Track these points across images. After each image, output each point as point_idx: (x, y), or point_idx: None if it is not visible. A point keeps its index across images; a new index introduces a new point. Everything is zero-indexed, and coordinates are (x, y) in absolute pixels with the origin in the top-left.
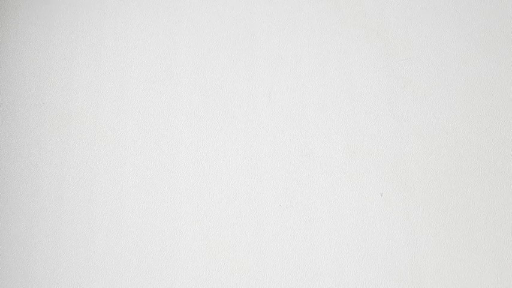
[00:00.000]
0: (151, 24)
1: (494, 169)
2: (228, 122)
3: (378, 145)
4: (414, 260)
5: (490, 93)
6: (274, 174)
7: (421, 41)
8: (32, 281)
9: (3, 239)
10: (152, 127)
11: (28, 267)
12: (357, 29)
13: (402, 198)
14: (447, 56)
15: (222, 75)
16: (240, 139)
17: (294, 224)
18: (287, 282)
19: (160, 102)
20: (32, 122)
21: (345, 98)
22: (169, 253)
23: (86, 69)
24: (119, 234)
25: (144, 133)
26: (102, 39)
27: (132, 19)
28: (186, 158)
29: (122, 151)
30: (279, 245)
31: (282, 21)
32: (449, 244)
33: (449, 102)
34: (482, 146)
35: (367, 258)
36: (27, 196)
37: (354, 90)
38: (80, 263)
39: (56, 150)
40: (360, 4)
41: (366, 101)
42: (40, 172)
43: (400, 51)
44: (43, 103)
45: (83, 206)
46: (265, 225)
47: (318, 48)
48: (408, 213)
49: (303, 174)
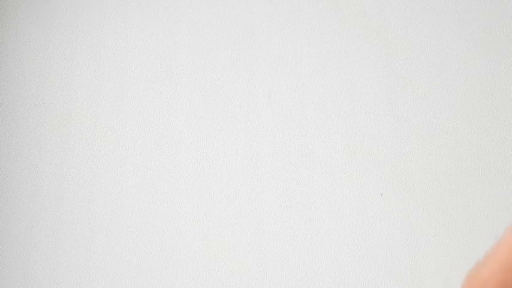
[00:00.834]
0: (151, 24)
1: (494, 169)
2: (228, 122)
3: (378, 145)
4: (414, 260)
5: (490, 93)
6: (274, 174)
7: (421, 41)
8: (32, 281)
9: (3, 239)
10: (152, 127)
11: (28, 267)
12: (357, 29)
13: (402, 198)
14: (447, 56)
15: (222, 75)
16: (240, 139)
17: (294, 224)
18: (287, 282)
19: (160, 102)
20: (32, 122)
21: (345, 98)
22: (169, 253)
23: (86, 69)
24: (119, 234)
25: (144, 133)
26: (102, 39)
27: (132, 19)
28: (186, 158)
29: (122, 151)
30: (279, 245)
31: (282, 21)
32: (449, 244)
33: (449, 102)
34: (482, 146)
35: (367, 258)
36: (27, 196)
37: (354, 90)
38: (80, 263)
39: (56, 150)
40: (360, 4)
41: (366, 101)
42: (40, 172)
43: (400, 51)
44: (43, 103)
45: (83, 206)
46: (265, 225)
47: (318, 48)
48: (408, 213)
49: (303, 174)
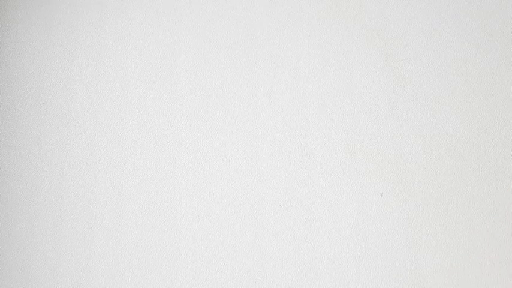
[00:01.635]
0: (151, 24)
1: (494, 169)
2: (228, 122)
3: (378, 145)
4: (414, 260)
5: (490, 93)
6: (274, 174)
7: (421, 41)
8: (32, 281)
9: (3, 239)
10: (152, 127)
11: (28, 267)
12: (357, 29)
13: (402, 198)
14: (447, 56)
15: (222, 75)
16: (240, 139)
17: (294, 224)
18: (287, 282)
19: (160, 102)
20: (32, 122)
21: (345, 98)
22: (169, 253)
23: (86, 69)
24: (119, 234)
25: (144, 133)
26: (102, 39)
27: (132, 19)
28: (186, 158)
29: (122, 151)
30: (279, 245)
31: (282, 21)
32: (449, 244)
33: (449, 102)
34: (482, 146)
35: (367, 258)
36: (27, 196)
37: (354, 90)
38: (80, 263)
39: (56, 150)
40: (360, 4)
41: (366, 101)
42: (40, 172)
43: (400, 51)
44: (43, 103)
45: (83, 206)
46: (265, 225)
47: (318, 48)
48: (408, 213)
49: (303, 174)
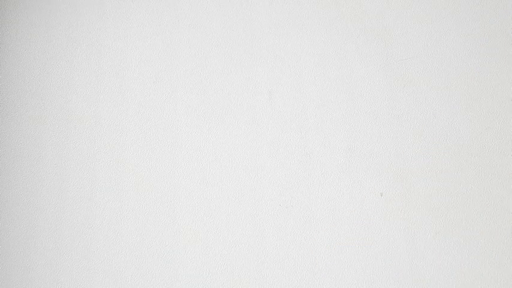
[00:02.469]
0: (151, 24)
1: (494, 169)
2: (228, 121)
3: (378, 145)
4: (414, 260)
5: (490, 93)
6: (274, 174)
7: (421, 41)
8: (32, 281)
9: (3, 239)
10: (152, 127)
11: (28, 267)
12: (356, 29)
13: (402, 198)
14: (447, 56)
15: (222, 75)
16: (240, 139)
17: (294, 224)
18: (287, 282)
19: (160, 102)
20: (32, 122)
21: (345, 98)
22: (169, 253)
23: (86, 69)
24: (119, 234)
25: (144, 133)
26: (102, 39)
27: (132, 19)
28: (186, 158)
29: (122, 151)
30: (279, 245)
31: (282, 21)
32: (449, 244)
33: (449, 102)
34: (482, 146)
35: (367, 258)
36: (27, 196)
37: (354, 90)
38: (80, 263)
39: (56, 150)
40: (360, 4)
41: (366, 101)
42: (40, 172)
43: (400, 51)
44: (43, 103)
45: (83, 206)
46: (265, 225)
47: (318, 48)
48: (408, 213)
49: (303, 174)
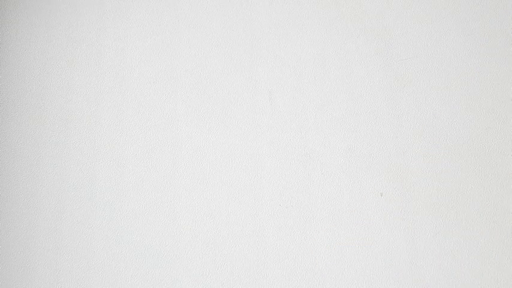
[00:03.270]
0: (151, 24)
1: (494, 169)
2: (228, 121)
3: (378, 145)
4: (414, 260)
5: (490, 93)
6: (274, 174)
7: (421, 41)
8: (32, 281)
9: (3, 239)
10: (152, 127)
11: (28, 267)
12: (356, 28)
13: (402, 198)
14: (447, 56)
15: (222, 75)
16: (240, 139)
17: (294, 224)
18: (287, 282)
19: (160, 102)
20: (32, 122)
21: (345, 98)
22: (169, 253)
23: (86, 69)
24: (119, 234)
25: (144, 133)
26: (102, 39)
27: (132, 19)
28: (186, 158)
29: (122, 151)
30: (279, 245)
31: (282, 21)
32: (449, 244)
33: (449, 102)
34: (482, 146)
35: (367, 258)
36: (27, 196)
37: (354, 90)
38: (80, 263)
39: (56, 150)
40: (360, 4)
41: (366, 101)
42: (40, 172)
43: (400, 51)
44: (43, 103)
45: (83, 206)
46: (265, 225)
47: (318, 48)
48: (408, 213)
49: (303, 174)
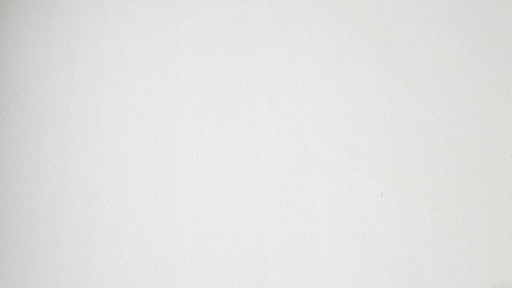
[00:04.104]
0: (151, 24)
1: (494, 169)
2: (228, 122)
3: (378, 145)
4: (414, 260)
5: (490, 93)
6: (274, 174)
7: (421, 41)
8: (32, 281)
9: (3, 239)
10: (152, 127)
11: (28, 267)
12: (356, 28)
13: (402, 198)
14: (447, 56)
15: (222, 75)
16: (240, 139)
17: (294, 224)
18: (287, 282)
19: (160, 102)
20: (32, 122)
21: (345, 98)
22: (169, 253)
23: (86, 69)
24: (119, 234)
25: (144, 133)
26: (102, 39)
27: (132, 19)
28: (186, 158)
29: (122, 151)
30: (279, 245)
31: (282, 21)
32: (449, 244)
33: (449, 102)
34: (482, 146)
35: (367, 258)
36: (27, 196)
37: (354, 90)
38: (80, 263)
39: (56, 150)
40: (360, 4)
41: (366, 101)
42: (40, 172)
43: (400, 51)
44: (43, 103)
45: (83, 206)
46: (265, 225)
47: (318, 48)
48: (408, 213)
49: (303, 174)
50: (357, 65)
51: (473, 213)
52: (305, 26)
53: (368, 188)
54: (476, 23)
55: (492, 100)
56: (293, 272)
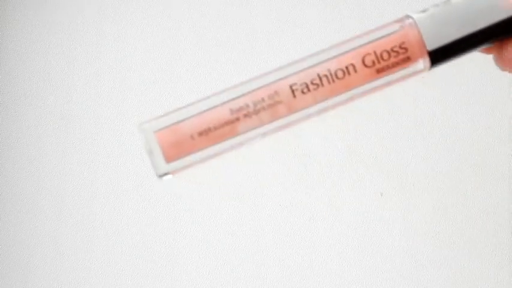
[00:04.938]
0: (151, 24)
1: (495, 169)
2: None
3: (378, 145)
4: (414, 260)
5: (490, 93)
6: (274, 174)
7: None
8: (32, 281)
9: (3, 239)
10: None
11: (28, 267)
12: (357, 29)
13: (402, 198)
14: None
15: (222, 76)
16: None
17: (294, 224)
18: (287, 282)
19: (160, 102)
20: (32, 122)
21: None
22: (168, 253)
23: (86, 69)
24: (119, 235)
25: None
26: (102, 39)
27: (132, 19)
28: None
29: (122, 151)
30: (279, 245)
31: (282, 21)
32: (449, 244)
33: (448, 101)
34: (483, 145)
35: (367, 258)
36: (27, 196)
37: None
38: (80, 263)
39: (56, 150)
40: (360, 4)
41: (366, 101)
42: (40, 172)
43: None
44: (43, 103)
45: (83, 206)
46: (265, 225)
47: (318, 48)
48: (408, 213)
49: (303, 174)
50: None
51: (473, 213)
52: (305, 26)
53: (368, 188)
54: None
55: (492, 100)
56: (293, 272)
